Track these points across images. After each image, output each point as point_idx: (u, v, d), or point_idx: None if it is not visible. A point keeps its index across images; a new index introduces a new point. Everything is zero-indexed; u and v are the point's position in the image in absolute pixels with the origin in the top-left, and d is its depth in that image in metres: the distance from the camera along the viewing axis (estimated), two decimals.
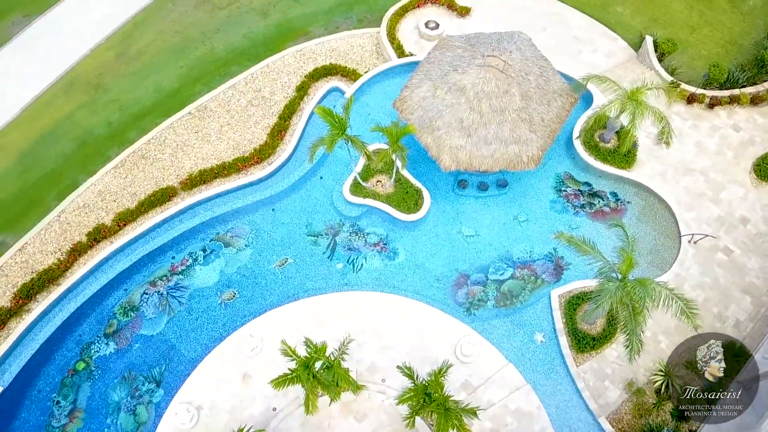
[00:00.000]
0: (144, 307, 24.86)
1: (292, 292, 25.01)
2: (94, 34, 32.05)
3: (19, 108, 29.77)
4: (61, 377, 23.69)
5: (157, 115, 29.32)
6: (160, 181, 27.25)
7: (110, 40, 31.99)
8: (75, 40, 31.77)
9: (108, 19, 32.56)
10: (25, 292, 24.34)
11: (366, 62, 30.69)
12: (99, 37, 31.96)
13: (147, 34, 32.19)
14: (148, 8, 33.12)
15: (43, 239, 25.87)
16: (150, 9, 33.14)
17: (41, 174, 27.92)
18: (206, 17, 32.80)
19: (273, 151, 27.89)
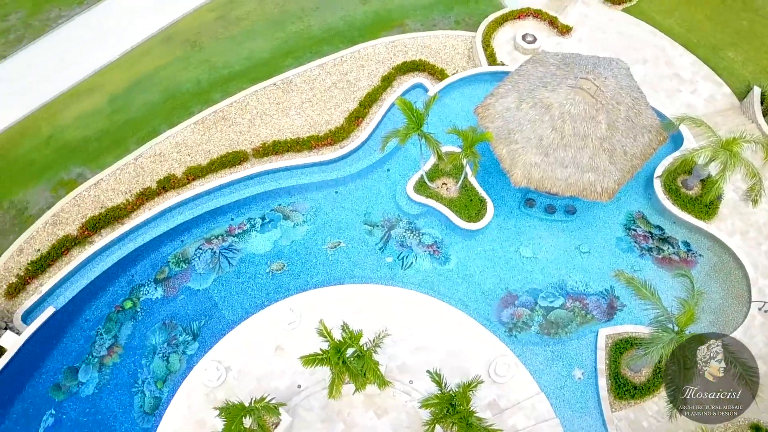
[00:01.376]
0: (196, 261, 25.57)
1: (338, 276, 25.10)
2: None
3: (119, 53, 31.20)
4: (108, 311, 24.67)
5: (243, 81, 30.05)
6: (234, 144, 27.93)
7: (214, 3, 33.01)
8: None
9: None
10: (91, 225, 25.51)
11: (455, 64, 30.40)
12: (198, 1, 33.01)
13: (249, 3, 33.03)
14: None
15: (117, 178, 27.03)
16: None
17: (128, 117, 29.18)
18: None
19: (347, 135, 28.06)
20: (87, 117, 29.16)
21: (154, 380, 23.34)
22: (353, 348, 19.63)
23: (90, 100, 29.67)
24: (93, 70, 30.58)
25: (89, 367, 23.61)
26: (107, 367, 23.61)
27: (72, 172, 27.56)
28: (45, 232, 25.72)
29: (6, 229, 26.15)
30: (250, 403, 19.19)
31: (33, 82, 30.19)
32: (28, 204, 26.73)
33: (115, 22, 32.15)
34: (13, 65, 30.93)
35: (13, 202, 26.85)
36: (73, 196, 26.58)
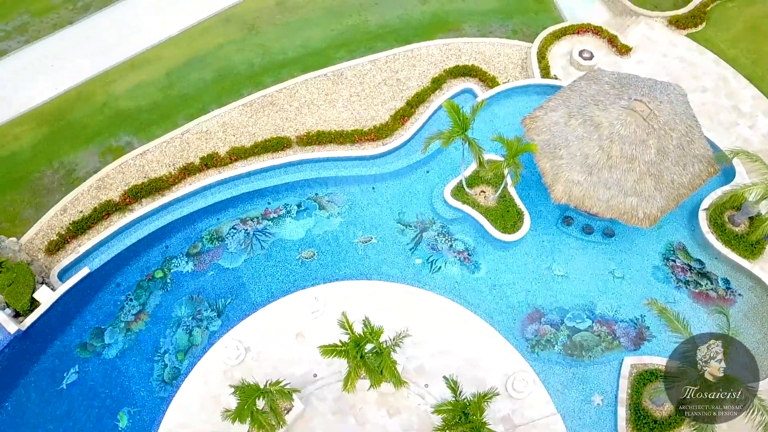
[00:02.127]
0: (229, 239, 25.95)
1: (366, 271, 25.12)
2: None
3: (179, 29, 31.86)
4: (139, 279, 25.24)
5: (295, 68, 30.35)
6: (279, 129, 28.23)
7: None
8: None
9: None
10: (133, 193, 26.13)
11: (508, 73, 30.08)
12: None
13: None
14: None
15: (162, 151, 27.62)
16: None
17: (180, 93, 29.80)
18: None
19: (391, 133, 28.06)
20: (141, 88, 29.89)
21: (176, 351, 23.78)
22: (372, 344, 19.61)
23: (146, 73, 30.41)
24: (152, 43, 31.32)
25: (115, 331, 24.20)
26: (132, 333, 24.16)
27: (121, 140, 28.29)
28: (89, 195, 26.47)
29: (54, 188, 27.02)
30: (265, 386, 19.36)
31: (94, 50, 31.10)
32: (76, 166, 27.56)
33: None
34: (77, 31, 31.89)
35: (63, 162, 27.72)
36: (119, 164, 27.28)
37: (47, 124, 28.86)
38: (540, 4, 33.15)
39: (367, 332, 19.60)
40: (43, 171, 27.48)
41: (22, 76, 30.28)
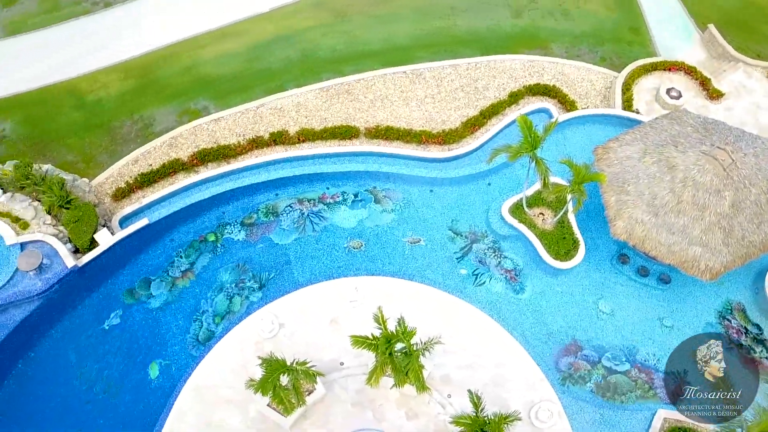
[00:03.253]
0: (283, 216, 26.46)
1: (409, 271, 25.10)
2: None
3: (271, 6, 32.70)
4: (193, 239, 26.08)
5: (376, 61, 30.61)
6: (350, 118, 28.55)
7: None
8: None
9: None
10: (201, 156, 27.02)
11: (588, 99, 29.38)
12: None
13: None
14: None
15: (235, 120, 28.43)
16: None
17: (262, 68, 30.58)
18: None
19: (459, 139, 27.92)
20: (226, 58, 30.85)
21: (214, 314, 24.45)
22: (403, 344, 19.58)
23: (233, 43, 31.36)
24: (244, 16, 32.27)
25: (162, 284, 25.09)
26: (177, 289, 25.00)
27: (199, 103, 29.29)
28: (160, 151, 27.54)
29: (130, 139, 28.27)
30: (292, 363, 19.65)
31: (190, 14, 32.28)
32: (154, 121, 28.73)
33: None
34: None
35: (143, 116, 28.95)
36: (192, 126, 28.26)
37: (135, 77, 30.23)
38: (636, 35, 32.20)
39: (399, 331, 19.58)
40: (124, 121, 28.80)
41: (121, 29, 31.84)
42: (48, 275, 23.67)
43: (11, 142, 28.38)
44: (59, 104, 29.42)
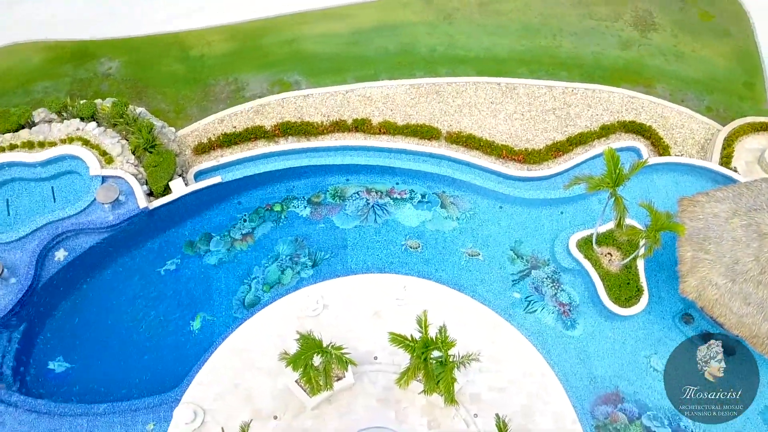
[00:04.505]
0: (349, 202, 26.63)
1: (461, 283, 24.71)
2: None
3: None
4: (259, 205, 26.67)
5: (472, 68, 30.29)
6: (434, 119, 28.39)
7: None
8: None
9: None
10: (284, 128, 27.57)
11: (684, 148, 27.97)
12: None
13: (515, 1, 32.93)
14: None
15: (323, 100, 28.84)
16: None
17: (359, 53, 30.87)
18: (573, 16, 32.47)
19: (540, 161, 27.23)
20: (327, 37, 31.34)
21: (264, 282, 24.92)
22: (440, 352, 19.29)
23: (336, 25, 31.81)
24: (352, 1, 32.60)
25: (221, 242, 25.80)
26: (234, 250, 25.64)
27: (292, 77, 29.90)
28: (246, 115, 28.30)
29: (221, 98, 29.22)
30: (328, 346, 19.73)
31: None
32: (246, 86, 29.57)
33: None
34: None
35: (237, 79, 29.85)
36: (281, 97, 28.88)
37: (238, 41, 31.20)
38: (750, 90, 30.37)
39: (439, 339, 19.30)
40: (219, 80, 29.80)
41: None
42: (120, 211, 24.81)
43: (115, 81, 29.92)
44: (164, 54, 30.77)
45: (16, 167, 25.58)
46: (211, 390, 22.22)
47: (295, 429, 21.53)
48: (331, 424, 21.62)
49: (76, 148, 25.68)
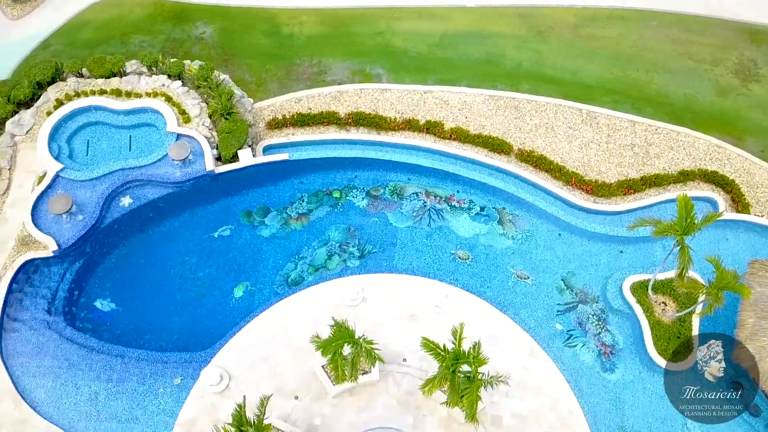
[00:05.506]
0: (406, 201, 26.59)
1: (505, 303, 24.25)
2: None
3: (476, 3, 32.56)
4: (319, 189, 26.99)
5: (555, 89, 29.60)
6: (507, 134, 27.93)
7: (582, 11, 32.44)
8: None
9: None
10: (357, 117, 27.76)
11: (767, 209, 26.40)
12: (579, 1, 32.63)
13: (613, 28, 31.90)
14: (636, 11, 32.53)
15: (400, 97, 28.84)
16: (634, 14, 32.49)
17: (444, 56, 30.71)
18: (670, 53, 31.15)
19: (608, 195, 26.36)
20: (417, 36, 31.34)
21: (310, 263, 25.22)
22: (470, 368, 18.99)
23: (428, 25, 31.77)
24: (447, 3, 32.47)
25: (277, 217, 26.27)
26: (288, 227, 26.06)
27: (374, 69, 30.07)
28: (323, 99, 28.68)
29: (302, 78, 29.74)
30: (360, 338, 19.77)
31: None
32: (329, 70, 29.97)
33: None
34: None
35: (321, 63, 30.29)
36: (360, 87, 29.10)
37: (328, 25, 31.64)
38: None
39: (471, 354, 19.00)
40: (303, 60, 30.32)
41: None
42: (188, 170, 25.65)
43: (206, 45, 30.94)
44: (257, 27, 31.56)
45: (101, 111, 26.88)
46: (240, 358, 22.69)
47: (313, 413, 21.71)
48: (349, 416, 21.68)
49: (159, 103, 26.73)
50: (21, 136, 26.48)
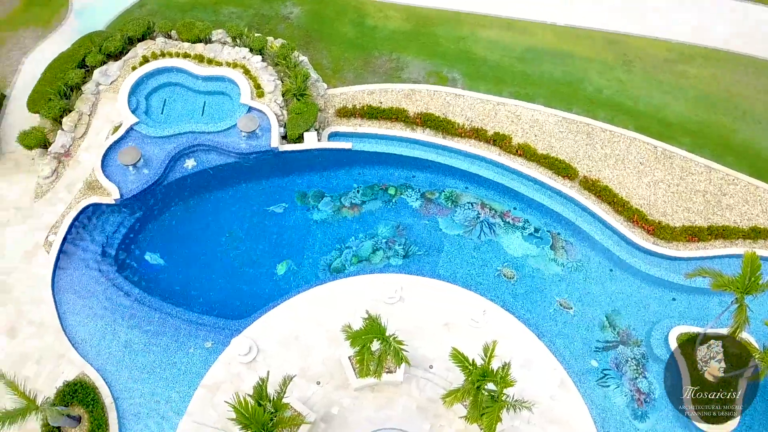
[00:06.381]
0: (460, 209, 26.31)
1: (543, 329, 23.65)
2: (678, 32, 31.66)
3: (565, 22, 31.77)
4: (376, 183, 27.09)
5: (633, 121, 28.64)
6: (574, 158, 27.21)
7: (679, 45, 31.15)
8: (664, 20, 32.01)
9: (694, 32, 31.66)
10: (425, 118, 27.65)
11: None
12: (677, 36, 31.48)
13: (707, 67, 30.51)
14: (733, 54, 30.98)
15: (472, 104, 28.56)
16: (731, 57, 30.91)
17: (522, 70, 30.19)
18: (764, 103, 29.55)
19: (669, 238, 25.31)
20: (499, 46, 30.93)
21: (354, 254, 25.33)
22: (496, 387, 18.62)
23: (512, 37, 31.28)
24: (536, 18, 31.86)
25: (330, 204, 26.51)
26: (339, 215, 26.26)
27: (450, 72, 29.87)
28: (395, 95, 28.69)
29: (378, 72, 29.85)
30: (391, 336, 19.69)
31: None
32: (406, 67, 29.97)
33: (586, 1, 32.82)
34: None
35: (399, 59, 30.32)
36: (434, 89, 28.97)
37: (412, 23, 31.64)
38: None
39: (499, 374, 18.63)
40: (382, 54, 30.43)
41: None
42: (253, 143, 26.21)
43: (291, 25, 31.50)
44: (343, 15, 31.89)
45: (182, 74, 27.79)
46: (272, 333, 23.03)
47: (332, 401, 21.82)
48: (367, 411, 21.67)
49: (237, 74, 27.39)
50: (105, 86, 27.67)
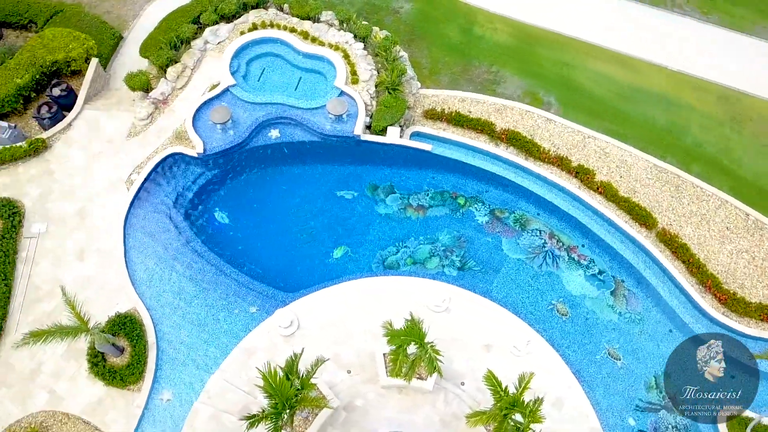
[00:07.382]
0: (526, 234, 25.77)
1: (584, 373, 22.80)
2: None
3: (681, 67, 30.33)
4: (446, 189, 26.92)
5: (728, 182, 27.03)
6: (657, 209, 25.94)
7: None
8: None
9: None
10: (511, 136, 27.03)
11: None
12: None
13: None
14: None
15: (561, 131, 27.72)
16: None
17: (623, 108, 29.08)
18: None
19: (741, 314, 23.72)
20: (603, 79, 29.89)
21: (410, 255, 25.35)
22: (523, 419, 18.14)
23: (619, 72, 30.18)
24: (650, 58, 30.51)
25: (398, 201, 26.60)
26: (403, 213, 26.32)
27: (546, 96, 29.22)
28: (485, 107, 28.33)
29: (475, 81, 29.59)
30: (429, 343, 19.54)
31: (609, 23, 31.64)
32: (502, 82, 29.56)
33: (731, 53, 31.33)
34: None
35: (498, 72, 29.93)
36: (526, 109, 28.35)
37: (519, 39, 31.15)
38: None
39: (529, 407, 18.13)
40: (482, 64, 30.14)
41: None
42: (338, 126, 26.60)
43: (398, 19, 31.74)
44: (452, 19, 31.73)
45: (285, 47, 28.55)
46: (315, 313, 23.35)
47: (358, 393, 21.91)
48: (389, 411, 21.64)
49: (337, 57, 27.88)
50: (212, 45, 28.83)
